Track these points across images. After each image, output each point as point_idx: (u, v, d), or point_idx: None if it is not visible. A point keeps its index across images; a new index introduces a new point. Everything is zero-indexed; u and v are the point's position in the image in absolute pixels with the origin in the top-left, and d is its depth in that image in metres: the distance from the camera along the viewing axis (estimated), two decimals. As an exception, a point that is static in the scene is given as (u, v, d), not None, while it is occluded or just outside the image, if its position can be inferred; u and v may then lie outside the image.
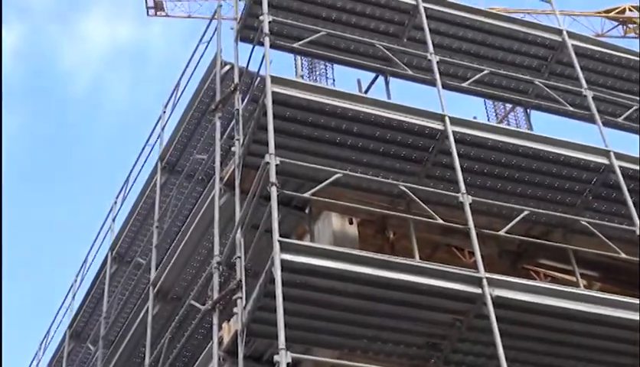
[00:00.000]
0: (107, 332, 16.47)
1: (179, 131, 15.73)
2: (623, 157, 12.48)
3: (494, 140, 12.08)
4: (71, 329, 18.74)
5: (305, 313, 10.01)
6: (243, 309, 10.25)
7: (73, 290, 19.62)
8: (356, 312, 10.12)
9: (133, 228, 17.10)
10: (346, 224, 12.55)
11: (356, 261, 9.83)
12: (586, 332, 10.54)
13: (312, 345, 10.33)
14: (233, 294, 10.67)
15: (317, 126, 11.76)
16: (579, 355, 10.85)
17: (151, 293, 14.21)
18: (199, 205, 13.30)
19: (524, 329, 10.37)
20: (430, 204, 11.15)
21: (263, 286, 9.65)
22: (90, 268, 19.12)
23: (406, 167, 12.16)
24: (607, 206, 12.75)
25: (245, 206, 11.19)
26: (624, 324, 10.42)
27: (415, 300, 10.09)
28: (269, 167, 10.34)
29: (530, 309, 10.20)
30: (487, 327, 9.70)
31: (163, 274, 14.11)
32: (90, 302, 18.23)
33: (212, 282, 11.55)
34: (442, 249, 12.95)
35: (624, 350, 10.76)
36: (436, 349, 10.58)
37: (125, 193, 18.31)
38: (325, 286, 9.85)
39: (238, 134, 12.34)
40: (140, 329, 14.33)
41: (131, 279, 16.49)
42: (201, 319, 12.27)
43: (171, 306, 14.14)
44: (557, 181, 12.50)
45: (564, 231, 12.57)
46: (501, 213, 11.77)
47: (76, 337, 18.70)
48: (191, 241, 13.44)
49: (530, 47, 14.62)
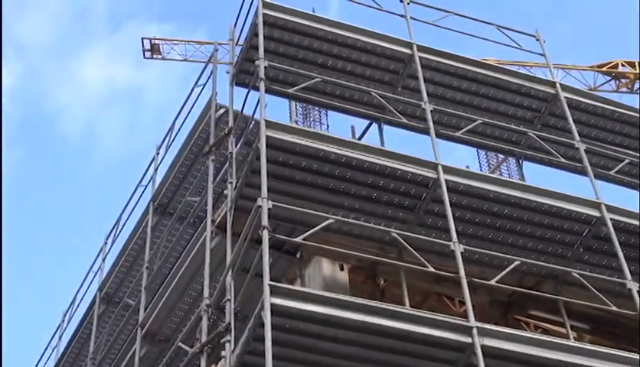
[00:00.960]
0: None
1: (172, 173, 15.73)
2: (615, 209, 12.53)
3: (487, 189, 12.12)
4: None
5: (294, 358, 9.93)
6: (231, 352, 10.17)
7: (60, 330, 19.46)
8: (345, 358, 10.06)
9: (123, 269, 17.02)
10: (337, 270, 12.54)
11: (346, 307, 9.79)
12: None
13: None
14: (221, 337, 10.59)
15: (310, 171, 11.78)
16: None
17: (139, 334, 14.10)
18: (190, 247, 13.25)
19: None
20: (422, 252, 11.13)
21: (252, 330, 9.58)
22: (78, 308, 18.99)
23: (399, 214, 12.18)
24: (598, 258, 12.78)
25: (236, 249, 11.15)
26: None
27: (405, 347, 10.04)
28: (261, 211, 10.33)
29: (520, 359, 10.16)
30: (476, 379, 9.66)
31: (152, 316, 14.02)
32: (77, 342, 18.08)
33: (201, 325, 11.46)
34: (433, 298, 12.93)
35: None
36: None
37: (115, 233, 18.25)
38: (315, 331, 9.79)
39: (231, 177, 12.34)
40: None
41: (119, 320, 16.36)
42: (189, 362, 12.16)
43: (158, 349, 14.04)
44: (549, 232, 12.53)
45: (555, 282, 12.58)
46: (493, 263, 11.77)
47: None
48: (180, 283, 13.37)
49: (524, 98, 14.72)
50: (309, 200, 11.69)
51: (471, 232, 12.25)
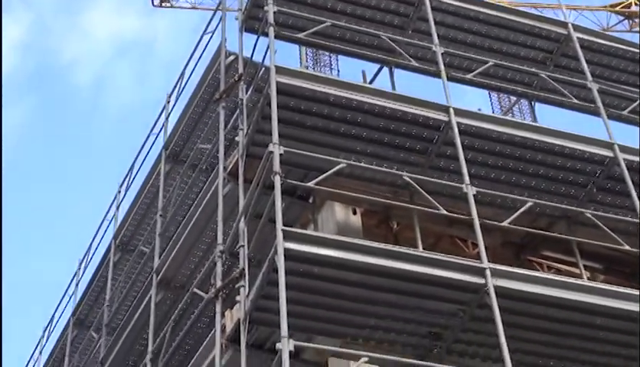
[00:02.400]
0: (110, 320, 16.51)
1: (183, 121, 15.75)
2: (627, 149, 12.47)
3: (499, 132, 12.07)
4: (75, 316, 18.80)
5: (308, 301, 10.03)
6: (245, 297, 10.26)
7: (77, 277, 19.67)
8: (359, 301, 10.15)
9: (137, 217, 17.14)
10: (349, 214, 12.56)
11: (359, 251, 9.85)
12: (588, 323, 10.56)
13: (315, 333, 10.35)
14: (236, 283, 10.67)
15: (321, 116, 11.75)
16: (580, 345, 10.86)
17: (155, 281, 14.24)
18: (202, 194, 13.31)
19: (526, 320, 10.38)
20: (434, 195, 11.14)
21: (266, 274, 9.66)
22: (94, 256, 19.17)
23: (410, 157, 12.16)
24: (611, 198, 12.75)
25: (248, 196, 11.20)
26: (625, 315, 10.45)
27: (418, 289, 10.12)
28: (273, 157, 10.35)
29: (533, 299, 10.21)
30: (489, 317, 9.72)
31: (166, 263, 14.14)
32: (94, 290, 18.29)
33: (215, 271, 11.56)
34: (446, 240, 12.94)
35: (625, 341, 10.79)
36: (439, 339, 10.60)
37: (129, 181, 18.35)
38: (328, 275, 9.87)
39: (242, 123, 12.33)
40: (143, 317, 14.37)
41: (134, 267, 16.52)
42: (204, 308, 12.28)
43: (173, 295, 14.18)
44: (561, 173, 12.49)
45: (568, 223, 12.56)
46: (505, 205, 11.77)
47: (80, 324, 18.76)
48: (194, 230, 13.46)
49: (536, 39, 14.60)
50: (321, 145, 11.67)
51: (484, 174, 12.22)
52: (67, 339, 18.68)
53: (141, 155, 17.83)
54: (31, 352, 21.39)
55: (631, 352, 10.85)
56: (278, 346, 8.70)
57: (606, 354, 10.98)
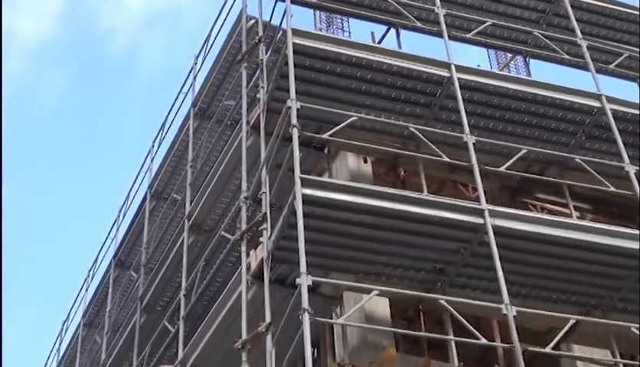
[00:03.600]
0: (148, 261, 16.67)
1: (209, 80, 15.76)
2: (614, 100, 12.42)
3: (496, 85, 12.03)
4: (116, 258, 18.98)
5: (324, 241, 10.09)
6: (268, 238, 10.33)
7: (117, 223, 19.85)
8: (370, 240, 10.19)
9: (169, 168, 17.22)
10: (361, 163, 12.57)
11: (370, 195, 9.89)
12: (577, 258, 10.59)
13: (331, 270, 10.40)
14: (259, 226, 10.74)
15: (334, 74, 11.73)
16: (570, 278, 10.91)
17: (186, 225, 14.35)
18: (228, 146, 13.35)
19: (521, 256, 10.42)
20: (437, 144, 11.14)
21: (286, 218, 9.71)
22: (132, 204, 19.32)
23: (416, 110, 12.13)
24: (599, 145, 12.71)
25: (269, 147, 11.22)
26: (609, 250, 10.50)
27: (423, 229, 10.15)
28: (291, 111, 10.37)
29: (528, 237, 10.24)
30: (488, 254, 9.76)
31: (197, 209, 14.23)
32: (132, 235, 18.44)
33: (240, 215, 11.63)
34: (449, 185, 12.93)
35: (611, 273, 10.85)
36: (443, 274, 10.66)
37: (161, 136, 18.41)
38: (342, 217, 9.91)
39: (262, 82, 12.30)
40: (176, 258, 14.50)
41: (168, 214, 16.63)
42: (231, 248, 12.39)
43: (203, 237, 14.27)
44: (553, 123, 12.45)
45: (559, 168, 12.55)
46: (502, 152, 11.74)
47: (121, 265, 18.93)
48: (221, 179, 13.51)
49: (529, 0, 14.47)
50: (334, 100, 11.65)
51: (483, 125, 12.18)
52: (110, 279, 18.88)
53: (171, 113, 17.88)
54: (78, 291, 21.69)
55: (618, 282, 10.91)
56: (297, 282, 8.80)
57: (594, 285, 11.04)
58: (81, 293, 21.35)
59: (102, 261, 20.39)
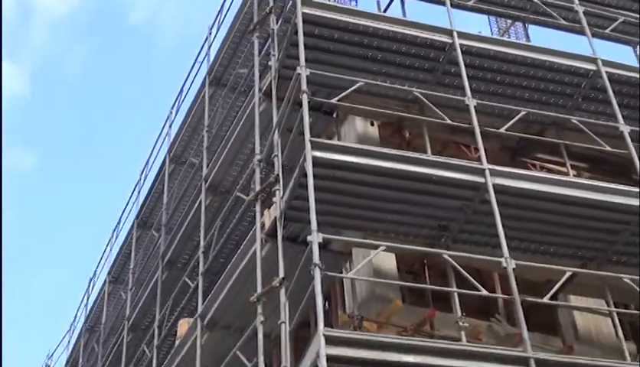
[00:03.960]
0: (168, 221, 16.75)
1: (223, 49, 15.70)
2: (609, 63, 12.32)
3: (497, 50, 11.94)
4: (138, 219, 19.08)
5: (334, 200, 10.09)
6: (280, 199, 10.35)
7: (139, 186, 19.93)
8: (377, 199, 10.20)
9: (187, 134, 17.23)
10: (368, 126, 12.54)
11: (377, 157, 9.87)
12: (574, 213, 10.57)
13: (340, 227, 10.41)
14: (272, 186, 10.76)
15: (342, 42, 11.65)
16: (567, 232, 10.90)
17: (204, 187, 14.39)
18: (241, 112, 13.32)
19: (521, 212, 10.40)
20: (440, 107, 11.09)
21: (297, 179, 9.72)
22: (152, 168, 19.37)
23: (419, 75, 12.05)
24: (595, 106, 12.62)
25: (281, 112, 11.20)
26: (604, 206, 10.47)
27: (427, 188, 10.15)
28: (301, 78, 10.34)
29: (527, 195, 10.22)
30: (489, 211, 9.74)
31: (213, 171, 14.25)
32: (153, 196, 18.51)
33: (254, 177, 11.65)
34: (451, 146, 12.90)
35: (606, 228, 10.84)
36: (446, 230, 10.67)
37: (179, 103, 18.39)
38: (351, 178, 9.91)
39: (273, 50, 12.23)
40: (195, 218, 14.56)
41: (186, 176, 16.68)
42: (246, 209, 12.44)
43: (220, 198, 14.31)
44: (551, 85, 12.36)
45: (557, 128, 12.47)
46: (502, 114, 11.67)
47: (143, 225, 19.04)
48: (235, 143, 13.51)
49: (529, -32, 14.29)
50: (342, 67, 11.57)
51: (483, 89, 12.11)
52: (133, 238, 18.99)
53: (188, 81, 17.85)
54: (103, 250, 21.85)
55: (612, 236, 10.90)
56: (309, 239, 8.81)
57: (590, 239, 11.03)
58: (106, 253, 21.55)
59: (126, 222, 20.55)
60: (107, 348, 18.94)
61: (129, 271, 18.80)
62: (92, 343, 20.93)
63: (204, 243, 13.60)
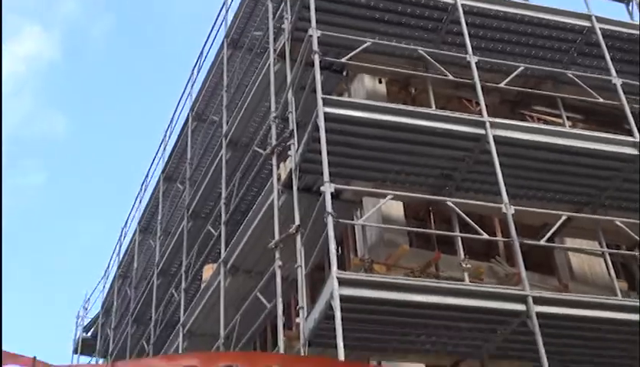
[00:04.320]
0: (192, 175, 16.82)
1: (240, 13, 15.59)
2: (603, 20, 12.18)
3: (497, 10, 11.82)
4: (164, 173, 19.15)
5: (345, 153, 10.09)
6: (295, 152, 10.37)
7: (164, 143, 19.96)
8: (385, 151, 10.19)
9: (207, 93, 17.19)
10: (376, 83, 12.47)
11: (385, 112, 9.86)
12: (569, 162, 10.54)
13: (351, 178, 10.44)
14: (287, 141, 10.78)
15: (350, 4, 11.56)
16: (563, 180, 10.87)
17: (224, 143, 14.42)
18: (258, 72, 13.28)
19: (519, 161, 10.38)
20: (444, 64, 11.04)
21: (311, 134, 9.72)
22: (176, 126, 19.39)
23: (424, 35, 11.96)
24: (589, 61, 12.50)
25: (294, 72, 11.16)
26: (598, 154, 10.45)
27: (432, 140, 10.13)
28: (312, 39, 10.30)
29: (525, 145, 10.19)
30: (490, 160, 9.75)
31: (232, 128, 14.26)
32: (177, 151, 18.55)
33: (270, 132, 11.65)
34: (454, 101, 12.81)
35: (599, 175, 10.82)
36: (450, 179, 10.67)
37: (199, 65, 18.31)
38: (360, 132, 9.90)
39: (287, 13, 12.12)
40: (217, 172, 14.60)
41: (208, 133, 16.71)
42: (263, 162, 12.46)
43: (239, 153, 14.33)
44: (548, 42, 12.25)
45: (553, 82, 12.38)
46: (502, 69, 11.57)
47: (169, 179, 19.11)
48: (253, 102, 13.50)
49: None
50: (351, 28, 11.48)
51: (484, 46, 12.00)
52: (160, 191, 19.10)
53: (207, 44, 17.75)
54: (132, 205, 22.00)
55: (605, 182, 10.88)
56: (322, 189, 8.87)
57: (584, 185, 11.03)
58: (136, 205, 21.69)
59: (153, 177, 20.64)
60: (139, 292, 19.20)
61: (157, 222, 18.96)
62: (125, 288, 21.19)
63: (226, 195, 13.68)
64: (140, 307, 18.56)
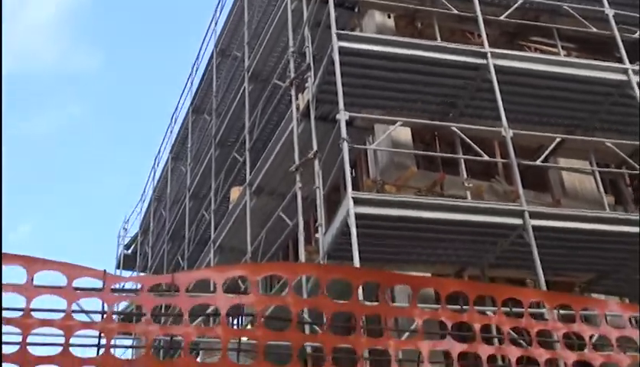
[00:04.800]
0: (217, 106, 16.81)
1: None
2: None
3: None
4: (192, 105, 19.15)
5: (358, 84, 10.03)
6: (312, 84, 10.34)
7: (191, 78, 19.87)
8: (394, 81, 10.13)
9: (230, 31, 17.00)
10: (385, 18, 12.27)
11: (394, 45, 9.76)
12: (564, 88, 10.46)
13: (363, 107, 10.41)
14: (304, 74, 10.73)
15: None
16: (558, 104, 10.80)
17: (246, 76, 14.35)
18: (276, 10, 13.12)
19: (518, 88, 10.29)
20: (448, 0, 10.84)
21: (326, 66, 9.66)
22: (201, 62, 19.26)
23: (429, -28, 11.72)
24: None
25: (310, 9, 11.02)
26: (590, 80, 10.35)
27: (437, 70, 10.05)
28: (326, -23, 10.12)
29: (523, 73, 10.09)
30: (490, 88, 9.68)
31: (254, 63, 14.17)
32: (204, 85, 18.49)
33: (289, 66, 11.59)
34: (458, 34, 12.64)
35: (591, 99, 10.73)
36: (454, 106, 10.62)
37: (222, 4, 18.05)
38: (372, 63, 9.82)
39: (300, -44, 11.92)
40: (240, 103, 14.59)
41: (231, 67, 16.61)
42: (283, 93, 12.44)
43: (260, 86, 14.29)
44: (545, -24, 11.96)
45: (550, 14, 12.14)
46: (501, 3, 11.41)
47: (196, 111, 19.12)
48: (272, 37, 13.37)
49: None
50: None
51: (486, -19, 11.75)
52: (189, 122, 19.13)
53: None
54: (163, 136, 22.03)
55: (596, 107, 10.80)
56: (337, 117, 8.88)
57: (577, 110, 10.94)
58: (167, 135, 21.77)
59: (182, 109, 20.64)
60: (173, 213, 19.45)
61: (187, 150, 19.04)
62: (160, 210, 21.46)
63: (249, 124, 13.70)
64: (174, 227, 18.84)
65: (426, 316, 3.18)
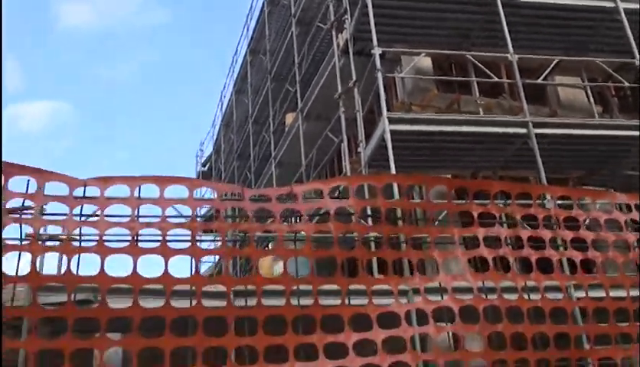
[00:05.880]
0: (271, 47, 16.67)
1: None
2: None
3: None
4: (249, 47, 19.00)
5: (388, 23, 9.88)
6: (350, 25, 10.21)
7: (247, 24, 19.57)
8: (418, 19, 9.95)
9: (278, -17, 16.64)
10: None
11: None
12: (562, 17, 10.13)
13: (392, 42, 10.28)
14: (342, 16, 10.58)
15: None
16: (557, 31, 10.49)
17: (293, 21, 14.15)
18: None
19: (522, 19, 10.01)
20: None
21: (361, 10, 9.52)
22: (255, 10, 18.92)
23: None
24: None
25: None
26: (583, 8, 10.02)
27: (453, 7, 9.82)
28: None
29: (527, 5, 9.79)
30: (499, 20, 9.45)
31: (299, 9, 13.95)
32: (258, 30, 18.19)
33: (329, 10, 11.42)
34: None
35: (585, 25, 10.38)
36: (467, 37, 10.42)
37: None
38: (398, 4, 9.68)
39: None
40: (290, 43, 14.42)
41: (280, 13, 16.33)
42: (325, 33, 12.29)
43: (305, 28, 14.09)
44: None
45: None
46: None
47: (253, 51, 18.96)
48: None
49: None
50: None
51: None
52: (248, 63, 19.04)
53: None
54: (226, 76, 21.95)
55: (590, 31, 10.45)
56: (372, 52, 8.82)
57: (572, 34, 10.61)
58: (230, 73, 21.73)
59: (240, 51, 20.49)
60: (239, 136, 19.70)
61: (248, 84, 19.06)
62: (228, 134, 21.74)
63: (298, 60, 13.63)
64: (241, 147, 19.12)
65: (480, 209, 3.36)
